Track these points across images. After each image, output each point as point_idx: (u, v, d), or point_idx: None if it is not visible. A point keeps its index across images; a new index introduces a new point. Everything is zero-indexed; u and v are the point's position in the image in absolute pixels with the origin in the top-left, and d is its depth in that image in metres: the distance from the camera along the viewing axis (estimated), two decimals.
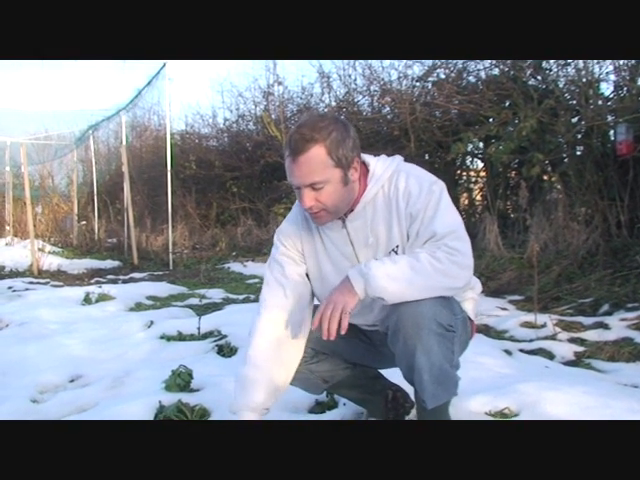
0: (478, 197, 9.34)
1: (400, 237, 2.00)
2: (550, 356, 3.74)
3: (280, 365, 2.08)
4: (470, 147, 8.54)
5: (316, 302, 2.21)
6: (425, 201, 1.94)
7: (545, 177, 7.77)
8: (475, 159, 9.33)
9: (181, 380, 2.92)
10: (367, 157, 2.06)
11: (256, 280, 7.86)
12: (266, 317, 2.11)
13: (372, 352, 2.31)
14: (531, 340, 4.14)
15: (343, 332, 1.86)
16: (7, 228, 15.40)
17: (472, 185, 9.41)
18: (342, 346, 2.21)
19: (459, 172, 9.41)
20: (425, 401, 2.02)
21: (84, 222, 15.73)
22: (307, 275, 2.17)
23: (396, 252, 2.00)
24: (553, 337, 4.15)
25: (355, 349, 2.29)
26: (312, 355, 2.20)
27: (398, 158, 2.08)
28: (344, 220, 2.05)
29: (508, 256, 6.57)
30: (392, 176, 2.02)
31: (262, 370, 2.04)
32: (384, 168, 2.03)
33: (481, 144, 8.66)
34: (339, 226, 2.06)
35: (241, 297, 6.50)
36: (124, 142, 12.07)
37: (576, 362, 3.63)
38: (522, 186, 6.54)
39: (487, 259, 6.55)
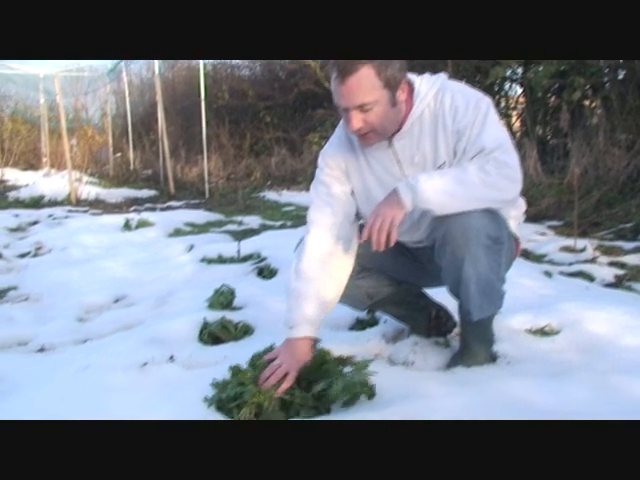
0: (517, 123, 9.18)
1: (446, 154, 1.99)
2: (590, 279, 3.72)
3: (330, 279, 2.09)
4: (509, 72, 8.32)
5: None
6: (472, 117, 1.92)
7: (586, 102, 7.58)
8: (514, 84, 9.13)
9: (224, 298, 2.97)
10: (411, 76, 2.02)
11: (292, 208, 7.89)
12: (315, 234, 2.11)
13: (417, 269, 2.32)
14: (570, 264, 4.11)
15: (392, 244, 1.87)
16: (44, 160, 15.55)
17: (510, 111, 9.23)
18: (388, 262, 2.23)
19: (497, 98, 9.22)
20: (471, 312, 2.03)
21: (119, 154, 15.79)
22: (352, 193, 2.17)
23: (443, 168, 1.99)
24: (593, 261, 4.13)
25: (401, 266, 2.30)
26: (359, 270, 2.22)
27: (442, 76, 2.05)
28: (390, 140, 2.03)
29: (547, 182, 6.48)
30: (437, 94, 1.99)
31: (313, 283, 2.05)
32: (429, 86, 2.00)
33: (520, 70, 8.44)
34: (385, 146, 2.04)
35: (278, 224, 6.54)
36: (157, 72, 11.97)
37: (616, 285, 3.61)
38: (563, 109, 6.39)
39: (526, 185, 6.36)
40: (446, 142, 1.98)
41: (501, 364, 2.22)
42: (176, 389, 2.05)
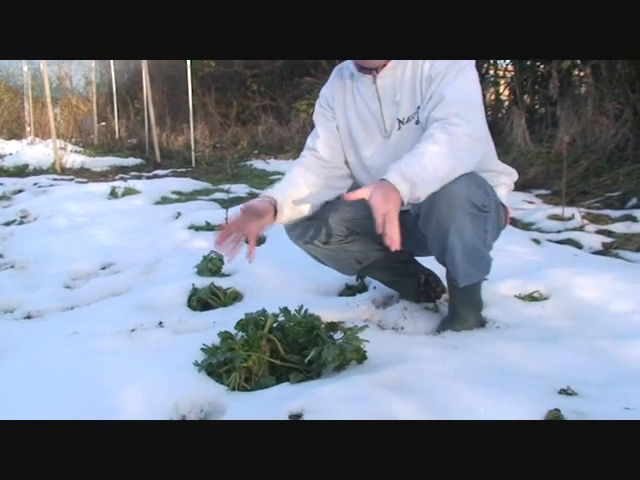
0: (505, 92, 9.16)
1: (421, 100, 2.01)
2: (578, 246, 3.72)
3: (307, 186, 2.13)
4: None
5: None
6: (447, 68, 1.94)
7: (575, 72, 7.56)
8: None
9: (212, 265, 2.95)
10: None
11: (279, 176, 7.81)
12: (301, 163, 2.19)
13: (404, 235, 2.30)
14: (559, 231, 4.12)
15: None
16: (28, 129, 15.33)
17: (499, 80, 9.20)
18: (375, 227, 2.21)
19: (486, 66, 9.17)
20: (458, 280, 2.03)
21: (104, 123, 15.59)
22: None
23: (417, 114, 2.01)
24: (581, 229, 4.13)
25: None
26: (346, 234, 2.23)
27: None
28: (375, 76, 2.06)
29: (535, 151, 6.48)
30: None
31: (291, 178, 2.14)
32: None
33: None
34: (370, 81, 2.08)
35: None
36: None
37: (604, 252, 3.62)
38: (554, 76, 6.34)
39: (514, 154, 6.45)
40: (421, 88, 2.00)
41: (490, 329, 2.23)
42: (166, 354, 2.05)
